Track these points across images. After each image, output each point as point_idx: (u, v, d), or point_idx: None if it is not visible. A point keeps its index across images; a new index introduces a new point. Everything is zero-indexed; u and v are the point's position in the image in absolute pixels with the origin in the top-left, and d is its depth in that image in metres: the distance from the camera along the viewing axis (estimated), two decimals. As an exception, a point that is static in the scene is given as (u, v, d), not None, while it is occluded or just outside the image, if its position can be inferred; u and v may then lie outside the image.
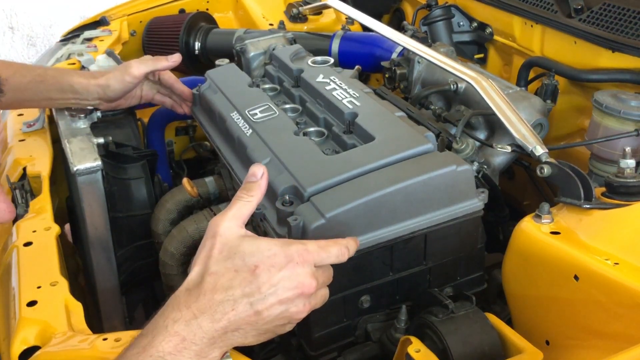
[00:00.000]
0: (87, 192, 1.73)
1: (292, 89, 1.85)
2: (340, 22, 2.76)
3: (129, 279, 1.95)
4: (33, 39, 4.99)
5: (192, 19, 2.76)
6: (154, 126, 2.29)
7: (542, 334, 1.33)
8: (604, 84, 1.89)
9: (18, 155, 1.92)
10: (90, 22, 2.84)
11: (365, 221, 1.32)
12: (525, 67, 2.09)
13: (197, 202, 1.86)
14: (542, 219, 1.36)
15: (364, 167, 1.40)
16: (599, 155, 1.69)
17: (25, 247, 1.51)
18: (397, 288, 1.44)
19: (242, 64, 2.17)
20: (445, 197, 1.38)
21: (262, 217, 1.42)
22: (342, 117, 1.62)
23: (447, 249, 1.44)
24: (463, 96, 1.88)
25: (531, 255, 1.34)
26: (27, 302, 1.34)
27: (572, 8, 2.02)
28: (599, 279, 1.20)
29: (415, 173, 1.36)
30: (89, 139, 1.82)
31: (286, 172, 1.44)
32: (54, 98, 1.86)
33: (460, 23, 2.46)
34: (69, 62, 2.41)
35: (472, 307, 1.30)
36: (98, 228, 1.77)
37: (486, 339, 1.24)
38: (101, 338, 1.23)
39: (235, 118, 1.72)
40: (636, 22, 1.85)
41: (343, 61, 2.36)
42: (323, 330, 1.39)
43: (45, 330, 1.28)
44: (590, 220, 1.34)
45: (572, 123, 2.05)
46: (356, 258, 1.32)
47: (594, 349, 1.22)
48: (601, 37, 1.90)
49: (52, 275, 1.42)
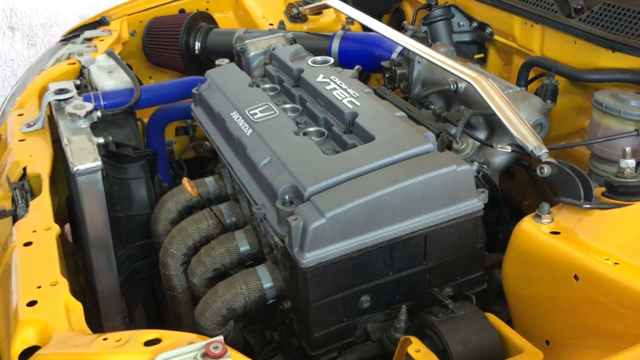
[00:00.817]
0: (87, 192, 1.73)
1: (292, 89, 1.85)
2: (340, 22, 2.76)
3: (129, 279, 1.95)
4: (33, 39, 4.98)
5: (192, 19, 2.77)
6: (153, 126, 2.29)
7: (542, 334, 1.33)
8: (604, 84, 1.89)
9: (18, 155, 1.91)
10: (90, 22, 2.85)
11: (365, 221, 1.32)
12: (525, 67, 2.09)
13: (197, 202, 1.86)
14: (542, 218, 1.36)
15: (364, 167, 1.40)
16: (599, 155, 1.69)
17: (26, 247, 1.51)
18: (397, 288, 1.44)
19: (242, 63, 2.17)
20: (445, 197, 1.38)
21: (262, 217, 1.42)
22: (342, 117, 1.62)
23: (447, 249, 1.44)
24: (463, 96, 1.88)
25: (531, 255, 1.34)
26: (27, 302, 1.33)
27: (572, 8, 2.02)
28: (599, 279, 1.20)
29: (415, 173, 1.36)
30: (89, 138, 1.82)
31: (286, 171, 1.44)
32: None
33: (460, 23, 2.46)
34: (69, 62, 2.41)
35: (472, 307, 1.30)
36: (98, 228, 1.77)
37: (486, 339, 1.24)
38: (101, 338, 1.22)
39: (235, 118, 1.72)
40: (636, 22, 1.84)
41: (343, 61, 2.36)
42: (323, 330, 1.39)
43: (45, 330, 1.27)
44: (590, 220, 1.34)
45: (572, 123, 2.05)
46: (356, 258, 1.33)
47: (594, 348, 1.22)
48: (601, 37, 1.90)
49: (52, 275, 1.41)
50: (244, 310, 1.54)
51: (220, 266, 1.66)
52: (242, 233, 1.68)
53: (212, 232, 1.75)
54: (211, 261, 1.65)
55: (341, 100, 1.67)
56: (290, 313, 1.49)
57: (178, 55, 2.76)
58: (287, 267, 1.43)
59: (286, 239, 1.34)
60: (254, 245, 1.66)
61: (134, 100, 2.07)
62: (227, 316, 1.54)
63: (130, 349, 1.15)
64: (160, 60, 2.88)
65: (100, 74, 2.23)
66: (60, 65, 2.42)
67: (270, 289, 1.52)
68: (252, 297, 1.52)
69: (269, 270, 1.53)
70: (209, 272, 1.65)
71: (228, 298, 1.52)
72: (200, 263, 1.66)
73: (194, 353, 1.12)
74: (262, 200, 1.48)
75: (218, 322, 1.54)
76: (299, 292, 1.38)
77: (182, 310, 1.80)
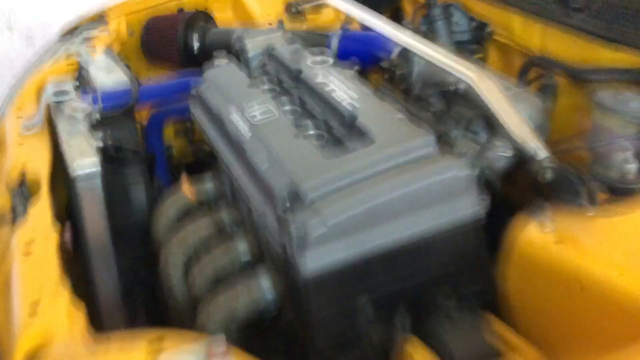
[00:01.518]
0: (86, 197, 1.73)
1: (292, 90, 1.84)
2: (340, 21, 2.75)
3: (130, 285, 1.94)
4: (31, 39, 4.97)
5: (190, 18, 2.75)
6: (152, 128, 2.29)
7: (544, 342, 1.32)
8: (604, 83, 1.88)
9: (16, 158, 1.91)
10: (88, 21, 2.83)
11: (367, 228, 1.31)
12: (526, 66, 2.08)
13: (196, 206, 1.85)
14: (544, 224, 1.35)
15: (364, 172, 1.39)
16: (601, 157, 1.67)
17: (25, 255, 1.50)
18: (399, 295, 1.42)
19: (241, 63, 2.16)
20: (447, 202, 1.38)
21: (262, 224, 1.42)
22: (342, 119, 1.61)
23: (450, 256, 1.43)
24: (464, 97, 1.87)
25: (532, 261, 1.33)
26: (28, 310, 1.33)
27: (572, 6, 2.00)
28: (603, 287, 1.19)
29: (417, 178, 1.35)
30: (88, 142, 1.81)
31: (286, 177, 1.43)
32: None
33: (459, 22, 2.44)
34: (67, 62, 2.40)
35: (472, 309, 1.29)
36: (98, 233, 1.76)
37: (486, 341, 1.24)
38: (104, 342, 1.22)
39: (234, 120, 1.71)
40: (636, 19, 1.83)
41: (342, 60, 2.34)
42: (325, 339, 1.38)
43: (46, 338, 1.27)
44: (593, 227, 1.33)
45: (572, 123, 2.03)
46: (358, 266, 1.32)
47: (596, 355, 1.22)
48: (602, 36, 1.89)
49: (53, 283, 1.41)
50: (244, 317, 1.53)
51: (220, 272, 1.65)
52: (242, 239, 1.67)
53: (212, 237, 1.75)
54: (211, 268, 1.64)
55: (341, 102, 1.66)
56: (292, 321, 1.49)
57: (177, 55, 2.75)
58: (287, 275, 1.43)
59: (287, 247, 1.33)
60: (254, 252, 1.65)
61: (133, 100, 2.06)
62: (228, 322, 1.54)
63: (132, 349, 1.15)
64: (158, 59, 2.87)
65: (98, 74, 2.22)
66: (58, 65, 2.41)
67: (273, 298, 1.51)
68: (253, 303, 1.51)
69: (271, 279, 1.52)
70: (208, 277, 1.65)
71: (229, 304, 1.51)
72: (199, 268, 1.66)
73: (197, 352, 1.12)
74: (262, 205, 1.47)
75: (219, 329, 1.54)
76: (300, 300, 1.37)
77: (182, 315, 1.80)
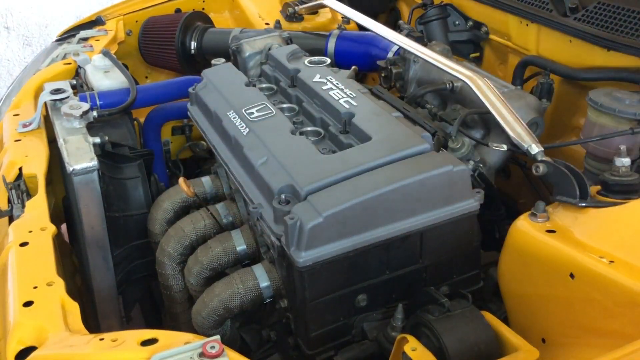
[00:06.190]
0: (83, 192, 1.73)
1: (289, 89, 1.85)
2: (336, 22, 2.76)
3: (126, 279, 1.95)
4: (29, 39, 4.98)
5: (188, 18, 2.76)
6: (150, 126, 2.29)
7: (538, 332, 1.34)
8: (599, 83, 1.90)
9: (14, 155, 1.91)
10: (86, 21, 2.84)
11: (362, 220, 1.32)
12: (521, 66, 2.09)
13: (193, 202, 1.86)
14: (538, 217, 1.36)
15: (360, 166, 1.40)
16: (594, 153, 1.69)
17: (22, 247, 1.50)
18: (393, 287, 1.44)
19: (238, 63, 2.17)
20: (442, 196, 1.39)
21: (259, 216, 1.43)
22: (339, 117, 1.62)
23: (443, 248, 1.45)
24: (459, 95, 1.88)
25: (527, 254, 1.35)
26: (23, 302, 1.33)
27: (567, 7, 2.02)
28: (595, 277, 1.20)
29: (411, 173, 1.36)
30: (85, 138, 1.82)
31: (283, 171, 1.44)
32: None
33: (455, 22, 2.46)
34: (65, 62, 2.41)
35: (468, 306, 1.30)
36: (95, 228, 1.77)
37: (482, 337, 1.24)
38: (98, 338, 1.22)
39: (232, 117, 1.71)
40: (630, 20, 1.85)
41: (339, 60, 2.36)
42: (320, 329, 1.39)
43: (41, 331, 1.27)
44: (586, 219, 1.35)
45: (567, 121, 2.06)
46: (353, 257, 1.33)
47: (590, 346, 1.22)
48: (596, 36, 1.90)
49: (49, 275, 1.41)
50: (240, 310, 1.54)
51: (217, 265, 1.66)
52: (238, 232, 1.68)
53: (209, 232, 1.76)
54: (208, 260, 1.65)
55: (338, 100, 1.67)
56: (287, 312, 1.49)
57: (174, 55, 2.76)
58: (283, 267, 1.44)
59: (283, 238, 1.34)
60: (250, 245, 1.66)
61: (130, 100, 2.06)
62: (224, 315, 1.54)
63: (126, 349, 1.15)
64: (156, 59, 2.87)
65: (96, 74, 2.23)
66: (56, 65, 2.41)
67: (267, 288, 1.52)
68: (248, 296, 1.52)
69: (266, 270, 1.53)
70: (205, 271, 1.65)
71: (225, 297, 1.52)
72: (197, 262, 1.66)
73: (190, 353, 1.11)
74: (258, 199, 1.48)
75: (215, 322, 1.55)
76: (295, 291, 1.38)
77: (178, 309, 1.80)
